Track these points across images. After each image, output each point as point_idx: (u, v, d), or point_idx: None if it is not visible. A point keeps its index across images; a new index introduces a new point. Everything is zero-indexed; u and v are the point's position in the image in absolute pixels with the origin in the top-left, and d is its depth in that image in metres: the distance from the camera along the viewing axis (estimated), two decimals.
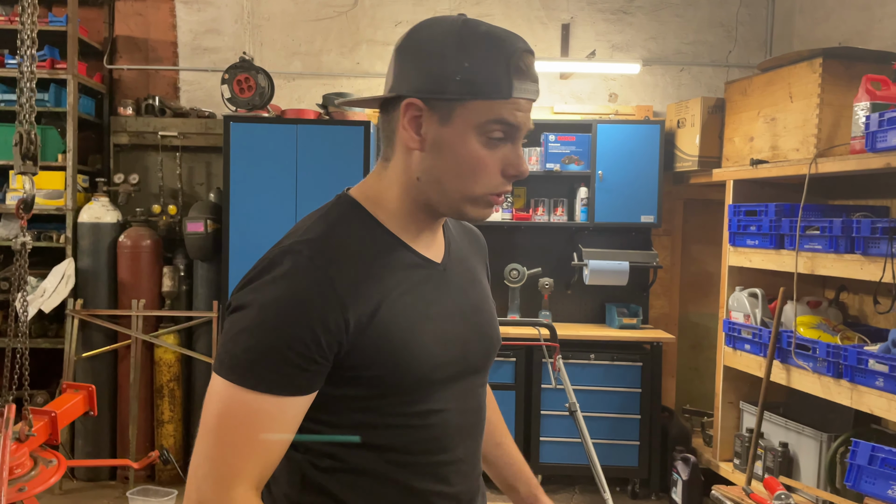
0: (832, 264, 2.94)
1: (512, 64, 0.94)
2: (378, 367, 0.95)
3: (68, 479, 4.00)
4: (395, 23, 4.59)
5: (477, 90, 0.93)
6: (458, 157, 0.96)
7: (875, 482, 2.35)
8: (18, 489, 2.41)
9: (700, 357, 4.68)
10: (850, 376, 2.79)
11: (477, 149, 0.95)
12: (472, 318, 1.09)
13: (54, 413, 2.65)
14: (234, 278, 3.85)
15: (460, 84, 0.93)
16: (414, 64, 0.96)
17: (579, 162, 4.30)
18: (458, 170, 0.96)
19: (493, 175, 0.97)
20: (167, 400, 4.03)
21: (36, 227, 4.05)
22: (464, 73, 0.93)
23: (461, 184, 0.97)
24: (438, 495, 1.04)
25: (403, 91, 0.96)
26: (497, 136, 0.96)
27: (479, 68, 0.93)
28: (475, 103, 0.94)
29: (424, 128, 0.96)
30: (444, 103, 0.94)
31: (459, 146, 0.95)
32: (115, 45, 4.58)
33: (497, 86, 0.94)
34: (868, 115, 2.77)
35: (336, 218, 1.01)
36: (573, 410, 2.68)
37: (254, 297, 0.92)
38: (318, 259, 0.93)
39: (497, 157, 0.97)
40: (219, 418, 0.91)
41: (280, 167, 3.86)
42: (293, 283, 0.92)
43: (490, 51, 0.94)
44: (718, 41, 4.62)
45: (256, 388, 0.90)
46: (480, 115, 0.94)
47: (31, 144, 2.54)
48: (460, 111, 0.94)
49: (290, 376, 0.91)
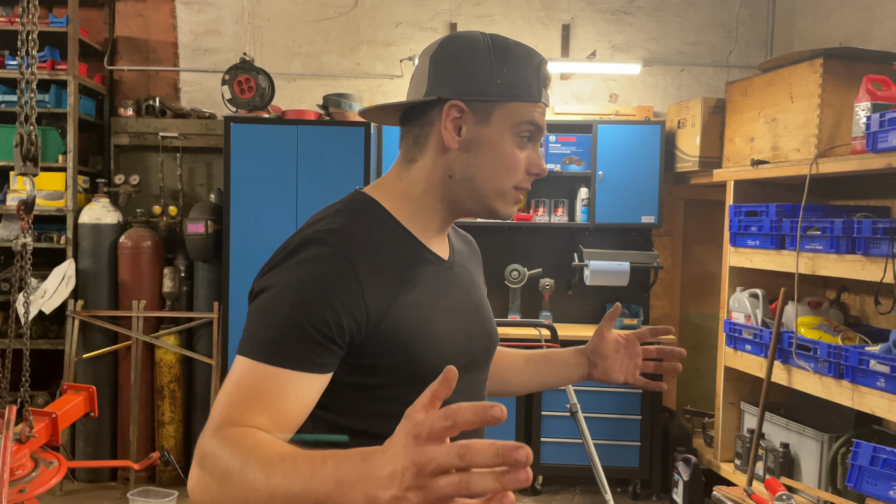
0: (833, 265, 2.94)
1: (540, 72, 1.06)
2: (392, 356, 0.99)
3: (69, 480, 4.00)
4: (395, 23, 4.59)
5: (515, 93, 1.03)
6: (495, 153, 1.04)
7: (877, 483, 2.35)
8: (19, 490, 2.41)
9: (701, 358, 4.68)
10: (852, 377, 2.79)
11: (511, 147, 1.05)
12: (475, 314, 1.15)
13: (55, 414, 2.65)
14: (234, 279, 3.85)
15: (500, 87, 1.03)
16: (453, 70, 1.04)
17: (580, 162, 4.30)
18: (494, 166, 1.05)
19: (520, 172, 1.06)
20: (168, 401, 4.03)
21: (37, 228, 4.05)
22: (503, 78, 1.03)
23: (494, 179, 1.05)
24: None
25: (444, 95, 1.03)
26: (526, 136, 1.06)
27: (515, 74, 1.03)
28: (512, 105, 1.04)
29: (464, 128, 1.04)
30: (484, 105, 1.03)
31: (497, 144, 1.04)
32: (116, 45, 4.58)
33: (530, 90, 1.04)
34: (869, 115, 2.76)
35: (354, 212, 1.06)
36: (574, 411, 2.68)
37: (276, 280, 0.96)
38: (341, 247, 0.98)
39: (524, 156, 1.06)
40: (237, 386, 0.92)
41: (281, 168, 3.86)
42: (317, 267, 0.95)
43: (522, 60, 1.05)
44: (719, 41, 4.62)
45: (276, 363, 0.92)
46: (516, 116, 1.04)
47: (32, 145, 2.54)
48: (499, 112, 1.03)
49: (310, 353, 0.93)
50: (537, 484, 4.04)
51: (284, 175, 3.86)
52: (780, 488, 3.03)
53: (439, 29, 4.58)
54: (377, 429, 1.00)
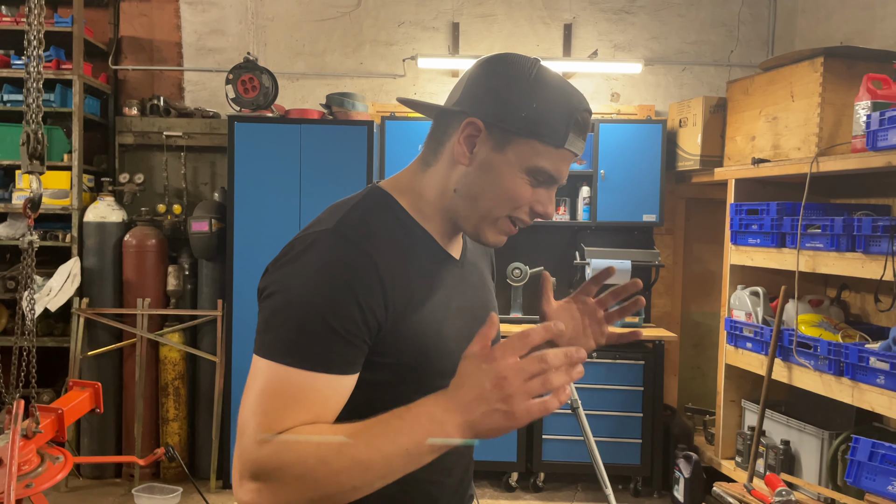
0: (833, 263, 2.95)
1: (573, 117, 1.00)
2: (405, 355, 0.98)
3: (74, 476, 4.03)
4: (398, 23, 4.61)
5: (537, 131, 0.99)
6: (501, 183, 1.01)
7: (875, 478, 2.37)
8: (26, 485, 2.43)
9: (702, 355, 4.70)
10: (852, 374, 2.80)
11: (520, 184, 1.01)
12: (483, 316, 1.12)
13: (61, 410, 2.67)
14: (238, 277, 3.87)
15: (524, 121, 0.98)
16: (484, 89, 1.01)
17: (581, 161, 4.31)
18: (497, 194, 1.02)
19: (523, 206, 1.04)
20: (172, 398, 4.06)
21: (42, 227, 4.08)
22: (529, 112, 0.98)
23: (494, 206, 1.03)
24: (438, 485, 1.08)
25: (468, 109, 1.01)
26: (537, 179, 1.02)
27: (543, 112, 0.98)
28: (532, 143, 0.99)
29: (478, 148, 1.01)
30: (502, 132, 1.00)
31: (506, 176, 1.01)
32: (120, 45, 4.61)
33: (555, 133, 0.99)
34: (869, 114, 2.78)
35: (371, 207, 1.04)
36: (575, 407, 2.69)
37: (297, 277, 0.93)
38: (360, 241, 0.96)
39: (529, 192, 1.03)
40: (265, 393, 0.89)
41: (284, 167, 3.88)
42: (337, 263, 0.93)
43: (557, 100, 1.00)
44: (720, 41, 4.63)
45: (305, 366, 0.89)
46: (533, 157, 1.00)
47: (38, 144, 2.56)
48: (515, 145, 1.00)
49: (339, 353, 0.91)
50: (539, 481, 4.05)
51: (288, 174, 3.89)
52: (780, 484, 3.04)
53: (442, 29, 4.60)
54: None
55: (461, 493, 1.15)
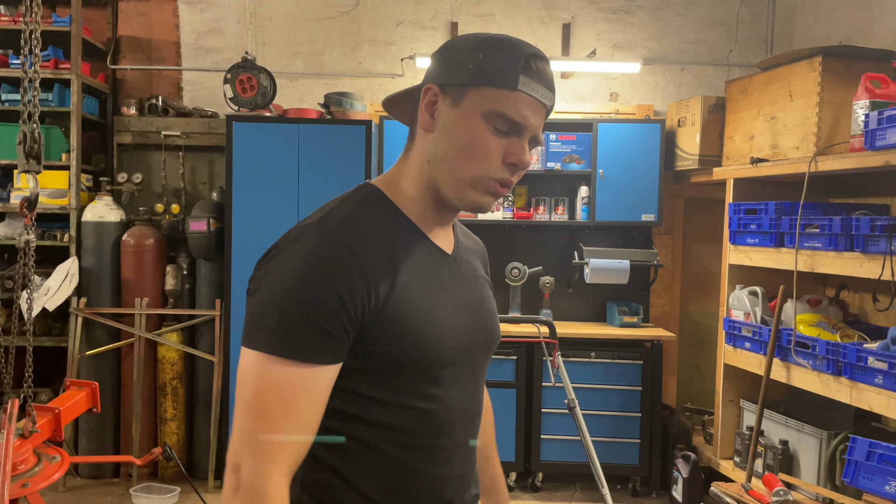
0: (832, 262, 2.95)
1: (521, 61, 1.02)
2: (394, 343, 1.00)
3: (72, 476, 4.02)
4: (397, 23, 4.61)
5: (484, 77, 1.01)
6: (463, 136, 1.02)
7: (873, 478, 2.36)
8: (22, 485, 2.42)
9: (700, 355, 4.69)
10: (850, 374, 2.80)
11: (481, 132, 1.02)
12: (477, 310, 1.15)
13: (58, 410, 2.66)
14: (236, 277, 3.87)
15: (471, 71, 1.02)
16: (438, 60, 1.07)
17: (580, 161, 4.31)
18: (463, 149, 1.03)
19: (494, 160, 1.03)
20: (170, 398, 4.05)
21: (40, 226, 4.07)
22: (476, 63, 1.02)
23: (464, 163, 1.03)
24: (438, 478, 1.08)
25: (425, 81, 1.07)
26: (500, 128, 1.02)
27: (488, 59, 1.02)
28: (483, 90, 1.01)
29: (438, 111, 1.04)
30: (456, 88, 1.03)
31: (465, 127, 1.02)
32: (119, 45, 4.61)
33: (503, 75, 1.01)
34: (867, 113, 2.77)
35: (358, 202, 1.07)
36: (572, 406, 2.69)
37: (281, 270, 0.97)
38: (343, 235, 0.99)
39: (500, 145, 1.03)
40: (255, 393, 0.94)
41: (282, 166, 3.88)
42: (320, 256, 0.96)
43: (502, 48, 1.03)
44: (719, 40, 4.63)
45: (290, 356, 0.93)
46: (486, 103, 1.01)
47: (35, 143, 2.55)
48: (470, 96, 1.02)
49: (321, 343, 0.95)
50: (537, 481, 4.05)
51: (286, 173, 3.88)
52: (778, 484, 3.04)
53: (440, 28, 4.60)
54: (370, 415, 1.02)
55: (463, 488, 1.14)
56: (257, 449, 0.94)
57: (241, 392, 0.96)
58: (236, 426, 0.95)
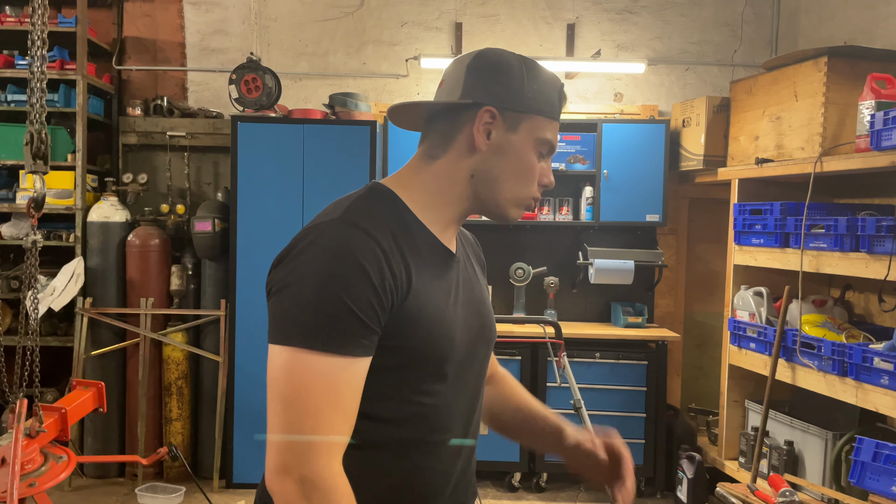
0: (837, 263, 2.94)
1: (560, 91, 1.15)
2: (409, 339, 1.02)
3: (78, 475, 4.04)
4: (401, 23, 4.61)
5: (541, 108, 1.11)
6: (519, 160, 1.11)
7: (879, 479, 2.36)
8: (29, 484, 2.44)
9: (705, 356, 4.69)
10: (856, 374, 2.80)
11: (532, 157, 1.12)
12: (479, 309, 1.18)
13: (64, 409, 2.67)
14: (241, 277, 3.88)
15: (529, 101, 1.10)
16: (490, 80, 1.11)
17: (584, 161, 4.31)
18: (516, 171, 1.12)
19: (535, 181, 1.14)
20: (175, 398, 4.06)
21: (46, 227, 4.09)
22: (533, 93, 1.11)
23: (514, 184, 1.12)
24: (441, 474, 1.11)
25: (480, 100, 1.10)
26: (543, 153, 1.14)
27: (540, 91, 1.12)
28: (537, 119, 1.11)
29: (494, 133, 1.10)
30: (513, 114, 1.10)
31: (522, 152, 1.11)
32: (124, 45, 4.62)
33: (553, 108, 1.13)
34: (873, 113, 2.77)
35: (372, 200, 1.09)
36: (578, 407, 2.69)
37: (310, 265, 0.97)
38: (369, 227, 1.00)
39: (539, 167, 1.14)
40: (297, 390, 0.93)
41: (287, 167, 3.88)
42: (350, 248, 0.97)
43: (548, 79, 1.14)
44: (724, 40, 4.62)
45: (329, 349, 0.94)
46: (539, 131, 1.12)
47: (42, 144, 2.56)
48: (526, 124, 1.11)
49: (359, 335, 0.96)
50: (542, 481, 4.05)
51: (291, 174, 3.89)
52: (784, 485, 3.03)
53: (445, 29, 4.60)
54: (373, 411, 1.03)
55: (464, 485, 1.17)
56: (313, 445, 0.92)
57: (278, 390, 0.94)
58: (278, 426, 0.93)
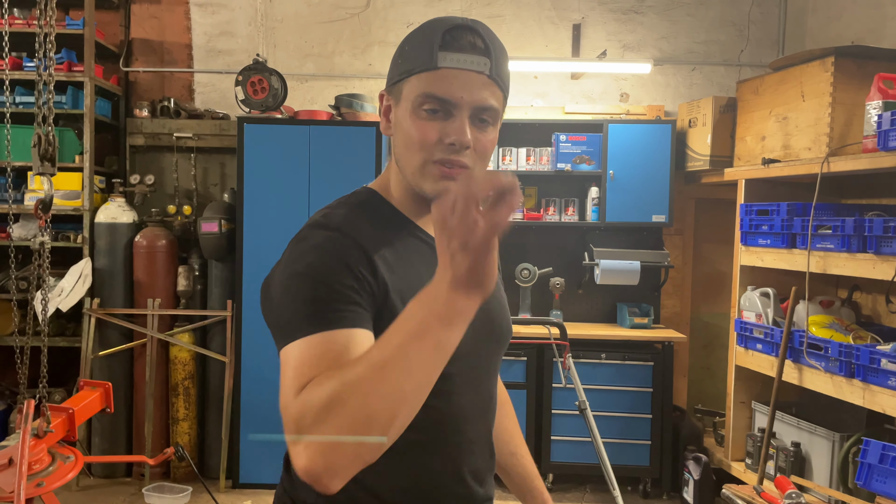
0: (844, 263, 2.93)
1: (437, 38, 1.00)
2: None
3: (85, 475, 4.06)
4: (407, 24, 4.62)
5: (409, 68, 1.02)
6: (403, 130, 1.05)
7: (886, 481, 2.35)
8: (37, 484, 2.45)
9: (712, 357, 4.67)
10: (863, 376, 2.78)
11: (416, 121, 1.02)
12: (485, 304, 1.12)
13: (72, 410, 2.68)
14: (248, 278, 3.89)
15: (401, 66, 1.05)
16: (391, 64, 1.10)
17: (590, 162, 4.30)
18: (405, 142, 1.05)
19: (431, 144, 1.01)
20: (182, 398, 4.08)
21: (54, 228, 4.11)
22: (403, 56, 1.05)
23: (409, 155, 1.05)
24: (452, 475, 1.09)
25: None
26: (428, 109, 1.01)
27: (411, 49, 1.04)
28: (411, 80, 1.02)
29: (392, 114, 1.08)
30: (395, 87, 1.06)
31: (403, 121, 1.04)
32: (131, 47, 4.64)
33: (424, 60, 1.01)
34: (880, 113, 2.76)
35: (356, 202, 1.10)
36: (583, 409, 2.69)
37: (290, 267, 0.99)
38: (345, 229, 1.01)
39: (435, 128, 1.01)
40: (299, 363, 0.89)
41: (293, 168, 3.89)
42: (326, 245, 0.98)
43: (422, 32, 1.03)
44: (730, 40, 4.61)
45: (326, 328, 0.91)
46: (414, 90, 1.02)
47: (50, 146, 2.58)
48: (404, 90, 1.04)
49: (352, 311, 0.94)
50: (547, 482, 4.05)
51: (297, 175, 3.90)
52: (790, 487, 3.02)
53: None
54: None
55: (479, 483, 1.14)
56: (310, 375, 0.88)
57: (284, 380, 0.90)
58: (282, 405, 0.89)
